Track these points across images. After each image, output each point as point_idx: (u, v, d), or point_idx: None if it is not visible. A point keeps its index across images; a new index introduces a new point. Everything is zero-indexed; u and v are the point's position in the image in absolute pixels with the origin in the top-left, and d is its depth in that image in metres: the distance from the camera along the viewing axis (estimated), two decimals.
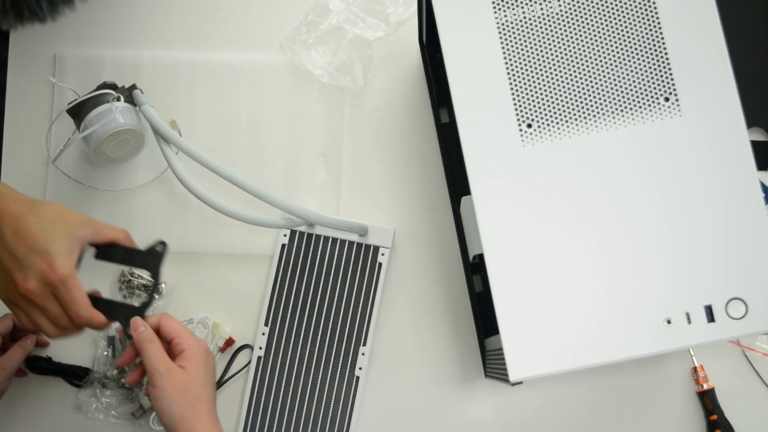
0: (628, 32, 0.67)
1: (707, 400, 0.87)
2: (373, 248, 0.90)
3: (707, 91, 0.66)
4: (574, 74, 0.67)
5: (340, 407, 0.88)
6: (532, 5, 0.68)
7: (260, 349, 0.89)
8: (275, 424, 0.88)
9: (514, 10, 0.68)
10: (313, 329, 0.89)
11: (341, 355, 0.89)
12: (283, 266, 0.90)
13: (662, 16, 0.67)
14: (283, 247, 0.90)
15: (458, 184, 0.89)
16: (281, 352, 0.89)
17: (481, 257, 0.66)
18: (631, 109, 0.66)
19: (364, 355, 0.88)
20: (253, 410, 0.88)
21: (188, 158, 0.80)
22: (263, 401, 0.88)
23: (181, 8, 0.96)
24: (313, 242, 0.90)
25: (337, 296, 0.89)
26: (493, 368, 0.80)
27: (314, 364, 0.89)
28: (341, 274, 0.90)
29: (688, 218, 0.65)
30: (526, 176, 0.66)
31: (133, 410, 0.89)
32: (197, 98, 0.94)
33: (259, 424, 0.88)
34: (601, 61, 0.67)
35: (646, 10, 0.67)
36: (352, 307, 0.89)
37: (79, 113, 0.86)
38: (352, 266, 0.90)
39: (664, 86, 0.67)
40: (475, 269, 0.88)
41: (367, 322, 0.89)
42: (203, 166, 0.80)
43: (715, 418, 0.86)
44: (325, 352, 0.89)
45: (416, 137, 0.94)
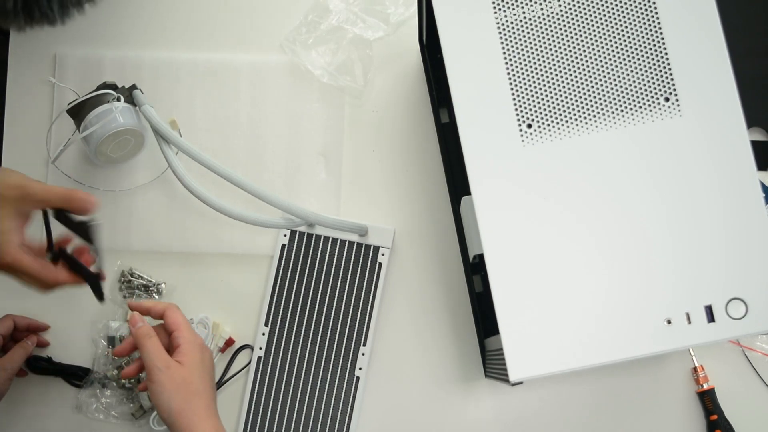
0: (628, 32, 0.67)
1: (707, 400, 0.87)
2: (373, 248, 0.90)
3: (707, 91, 0.66)
4: (574, 74, 0.67)
5: (340, 407, 0.88)
6: (532, 5, 0.68)
7: (260, 349, 0.89)
8: (275, 424, 0.88)
9: (514, 10, 0.68)
10: (313, 329, 0.89)
11: (341, 355, 0.89)
12: (283, 266, 0.90)
13: (662, 16, 0.67)
14: (283, 247, 0.90)
15: (458, 184, 0.89)
16: (281, 352, 0.89)
17: (481, 257, 0.66)
18: (631, 109, 0.66)
19: (364, 355, 0.88)
20: (253, 410, 0.88)
21: (188, 158, 0.81)
22: (263, 401, 0.88)
23: (181, 9, 0.96)
24: (313, 242, 0.90)
25: (337, 296, 0.89)
26: (493, 368, 0.80)
27: (314, 364, 0.89)
28: (341, 274, 0.90)
29: (688, 218, 0.65)
30: (526, 176, 0.66)
31: (133, 410, 0.89)
32: (197, 98, 0.94)
33: (259, 424, 0.88)
34: (601, 61, 0.67)
35: (646, 10, 0.67)
36: (352, 307, 0.89)
37: (79, 113, 0.86)
38: (352, 266, 0.90)
39: (664, 86, 0.67)
40: (475, 269, 0.88)
41: (367, 322, 0.89)
42: (203, 166, 0.80)
43: (715, 418, 0.86)
44: (325, 352, 0.89)
45: (416, 137, 0.94)
